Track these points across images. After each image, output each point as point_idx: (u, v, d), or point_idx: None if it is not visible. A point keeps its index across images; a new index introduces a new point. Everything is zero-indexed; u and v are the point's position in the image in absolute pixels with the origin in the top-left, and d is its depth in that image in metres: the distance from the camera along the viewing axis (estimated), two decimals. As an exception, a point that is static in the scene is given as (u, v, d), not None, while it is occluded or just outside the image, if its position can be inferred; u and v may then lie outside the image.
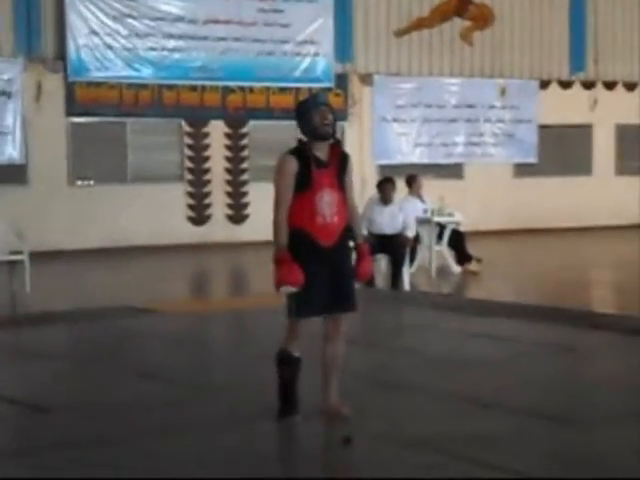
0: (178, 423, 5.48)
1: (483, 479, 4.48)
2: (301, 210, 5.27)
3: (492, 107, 19.83)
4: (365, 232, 11.83)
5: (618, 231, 19.52)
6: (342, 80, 18.47)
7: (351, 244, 5.50)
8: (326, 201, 5.30)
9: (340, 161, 5.42)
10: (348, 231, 5.45)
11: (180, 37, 17.11)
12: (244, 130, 18.01)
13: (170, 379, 6.56)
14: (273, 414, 5.44)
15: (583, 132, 20.76)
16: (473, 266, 13.36)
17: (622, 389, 6.18)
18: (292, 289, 5.22)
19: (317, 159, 5.32)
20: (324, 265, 5.28)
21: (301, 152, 5.33)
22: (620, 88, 20.83)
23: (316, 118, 5.28)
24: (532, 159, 20.22)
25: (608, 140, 21.03)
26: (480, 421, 5.38)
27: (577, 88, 20.50)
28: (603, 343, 7.83)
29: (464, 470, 4.65)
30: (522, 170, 20.17)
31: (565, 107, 20.18)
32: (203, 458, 4.85)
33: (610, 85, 20.76)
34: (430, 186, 14.63)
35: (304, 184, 5.26)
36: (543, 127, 20.07)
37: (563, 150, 20.44)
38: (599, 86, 20.64)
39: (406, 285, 11.82)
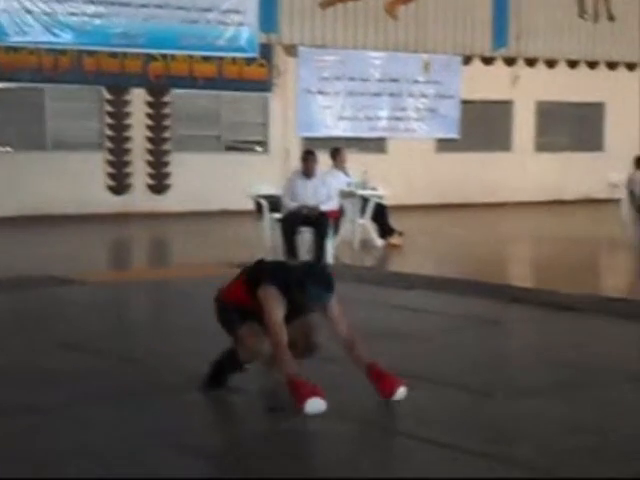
0: (105, 392, 5.41)
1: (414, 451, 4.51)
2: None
3: (416, 82, 19.91)
4: (291, 205, 11.82)
5: (537, 207, 19.82)
6: (266, 50, 18.35)
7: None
8: None
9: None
10: None
11: (101, 2, 16.78)
12: (166, 99, 17.80)
13: (95, 349, 6.47)
14: (198, 384, 5.42)
15: (504, 108, 20.98)
16: (395, 240, 13.43)
17: (543, 362, 6.28)
18: (321, 403, 4.94)
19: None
20: None
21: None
22: (541, 65, 21.08)
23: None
24: (454, 134, 20.38)
25: (528, 117, 21.29)
26: (408, 392, 5.41)
27: (499, 64, 20.68)
28: (524, 317, 7.94)
29: (397, 444, 4.67)
30: (444, 145, 20.33)
31: (487, 83, 20.37)
32: (132, 426, 4.80)
33: (531, 62, 20.99)
34: (354, 160, 14.64)
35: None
36: (465, 103, 20.23)
37: (484, 126, 20.65)
38: (520, 62, 20.85)
39: (330, 258, 11.83)
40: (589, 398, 5.38)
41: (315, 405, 4.91)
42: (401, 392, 5.14)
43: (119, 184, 17.56)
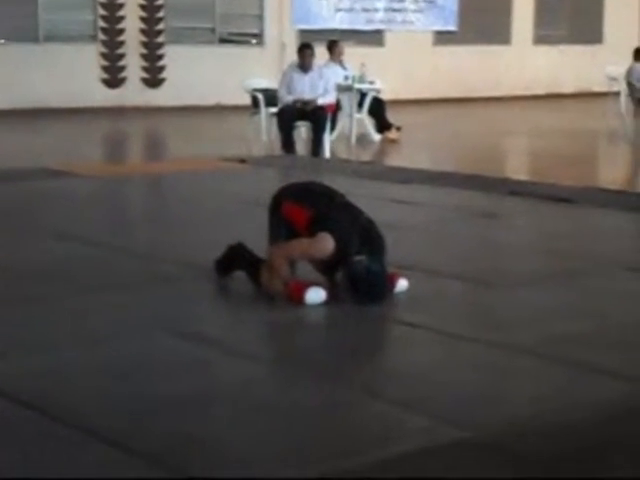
0: (103, 282, 5.40)
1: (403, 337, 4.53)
2: None
3: (414, -28, 19.55)
4: (287, 98, 11.70)
5: (536, 100, 19.66)
6: (262, -60, 17.96)
7: None
8: None
9: None
10: None
11: None
12: (160, -10, 17.47)
13: (91, 240, 6.45)
14: (199, 275, 5.41)
15: (502, 0, 20.64)
16: (393, 134, 13.34)
17: (541, 252, 6.28)
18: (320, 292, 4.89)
19: None
20: None
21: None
22: (541, -44, 20.68)
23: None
24: (452, 27, 20.07)
25: (527, 8, 20.95)
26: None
27: (499, -45, 20.28)
28: (521, 209, 7.92)
29: (386, 329, 4.70)
30: (442, 38, 20.04)
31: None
32: (131, 313, 4.81)
33: (530, -48, 20.58)
34: (351, 53, 14.45)
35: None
36: (464, -6, 19.91)
37: (483, 18, 20.33)
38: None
39: (326, 152, 11.75)
40: (588, 286, 5.39)
41: (315, 294, 4.89)
42: (402, 284, 5.13)
43: (113, 77, 17.35)
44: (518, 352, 4.26)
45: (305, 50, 11.95)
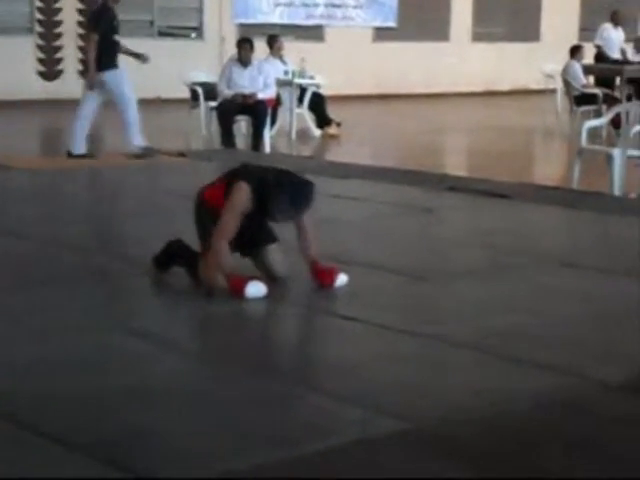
0: (45, 277, 5.34)
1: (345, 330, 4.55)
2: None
3: (354, -32, 19.59)
4: (227, 92, 11.66)
5: (474, 97, 19.83)
6: None
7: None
8: None
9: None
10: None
11: None
12: (98, -18, 17.29)
13: (28, 234, 6.37)
14: (135, 269, 5.39)
15: (442, -3, 20.79)
16: (333, 130, 13.37)
17: (478, 246, 6.35)
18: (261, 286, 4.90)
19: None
20: None
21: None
22: (480, -46, 20.85)
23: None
24: (392, 23, 20.17)
25: (466, 6, 21.12)
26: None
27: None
28: (458, 204, 7.99)
29: (324, 323, 4.72)
30: (382, 34, 20.12)
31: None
32: (75, 310, 4.76)
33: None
34: (291, 48, 14.44)
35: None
36: (403, -10, 20.00)
37: (422, 15, 20.44)
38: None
39: (267, 147, 11.74)
40: (522, 281, 5.46)
41: (256, 288, 4.89)
42: (342, 279, 5.15)
43: (50, 70, 17.13)
44: (454, 345, 4.31)
45: (244, 44, 11.92)
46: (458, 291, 5.28)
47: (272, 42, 13.54)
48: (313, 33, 19.37)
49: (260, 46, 12.83)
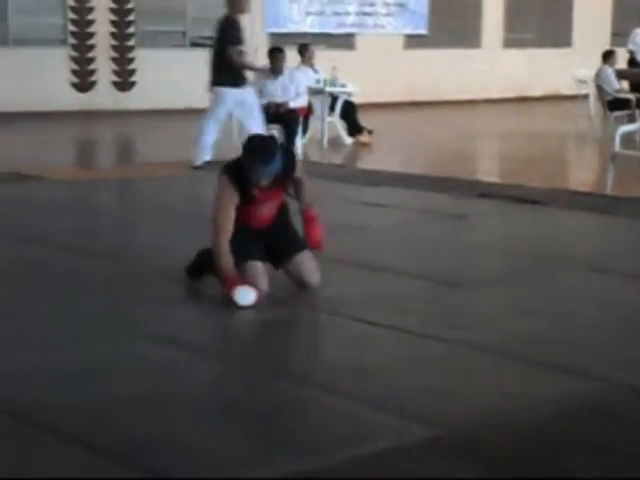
0: (74, 283, 5.40)
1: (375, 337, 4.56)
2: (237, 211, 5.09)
3: (384, -24, 19.61)
4: (259, 102, 11.71)
5: (506, 104, 19.76)
6: (232, -57, 17.93)
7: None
8: (265, 206, 5.20)
9: (287, 179, 5.20)
10: (284, 206, 5.34)
11: None
12: (130, -7, 17.42)
13: (60, 244, 6.43)
14: (168, 277, 5.42)
15: (473, 3, 20.73)
16: (364, 137, 13.37)
17: (507, 252, 6.33)
18: (250, 293, 4.90)
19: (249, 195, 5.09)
20: (258, 239, 5.19)
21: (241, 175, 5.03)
22: (510, -42, 20.80)
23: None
24: (423, 30, 20.15)
25: (497, 12, 21.07)
26: (371, 283, 5.47)
27: (468, -42, 20.38)
28: (490, 211, 7.98)
29: (352, 329, 4.72)
30: (413, 42, 20.11)
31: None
32: (102, 315, 4.82)
33: (500, -44, 20.70)
34: (322, 57, 14.46)
35: (245, 200, 5.09)
36: (435, -3, 19.99)
37: (453, 22, 20.41)
38: (490, -43, 20.56)
39: (298, 155, 11.76)
40: (552, 286, 5.45)
41: (244, 296, 4.86)
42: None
43: (83, 81, 17.28)
44: (482, 350, 4.30)
45: (276, 54, 11.98)
46: (487, 297, 5.27)
47: (303, 51, 13.57)
48: (344, 41, 19.40)
49: (291, 55, 12.88)
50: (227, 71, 10.08)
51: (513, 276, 5.68)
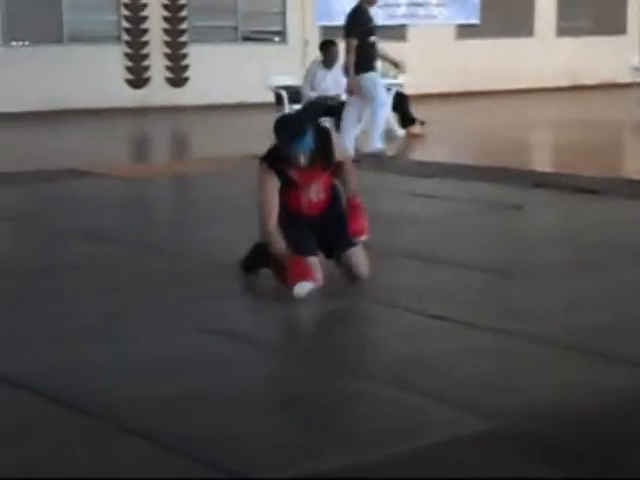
0: (129, 280, 5.47)
1: (427, 329, 4.57)
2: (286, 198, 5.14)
3: (435, -34, 19.51)
4: (311, 95, 11.74)
5: (560, 92, 19.57)
6: (283, -63, 17.97)
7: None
8: (311, 190, 5.21)
9: (324, 157, 5.19)
10: (335, 190, 5.36)
11: None
12: (182, -11, 17.54)
13: (119, 240, 6.52)
14: (224, 272, 5.47)
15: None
16: (417, 129, 13.33)
17: (562, 244, 6.30)
18: (308, 286, 4.95)
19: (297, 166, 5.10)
20: (312, 229, 5.21)
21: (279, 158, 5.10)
22: (564, -53, 20.57)
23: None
24: (474, 20, 20.03)
25: (549, 0, 20.86)
26: (426, 275, 5.48)
27: (521, -53, 20.19)
28: (546, 201, 7.93)
29: (410, 321, 4.73)
30: (465, 31, 19.99)
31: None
32: (163, 311, 4.86)
33: (554, -56, 20.47)
34: (373, 48, 14.41)
35: (287, 183, 5.13)
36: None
37: (505, 11, 20.25)
38: (543, -55, 20.35)
39: (351, 148, 11.76)
40: (610, 277, 5.40)
41: (302, 287, 4.92)
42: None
43: (137, 77, 17.44)
44: (539, 342, 4.29)
45: (330, 46, 11.99)
46: (543, 288, 5.25)
47: (355, 43, 13.55)
48: (396, 32, 19.33)
49: (343, 48, 12.87)
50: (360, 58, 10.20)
51: (569, 266, 5.65)
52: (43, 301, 5.06)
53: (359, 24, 10.22)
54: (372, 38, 10.41)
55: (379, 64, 13.26)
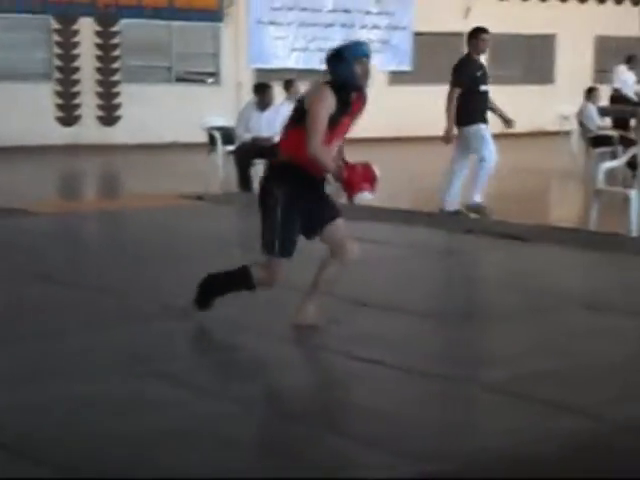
0: (74, 321, 5.38)
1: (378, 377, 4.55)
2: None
3: (368, 13, 19.77)
4: (245, 136, 11.75)
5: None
6: (218, -20, 18.08)
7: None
8: (335, 146, 5.24)
9: (359, 110, 5.28)
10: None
11: None
12: (115, 28, 17.50)
13: (63, 279, 6.40)
14: (175, 312, 5.43)
15: (456, 40, 20.88)
16: (348, 172, 13.40)
17: (502, 289, 6.35)
18: (369, 196, 5.15)
19: (347, 105, 5.14)
20: (312, 194, 5.24)
21: (339, 92, 5.10)
22: (494, -4, 21.03)
23: (358, 69, 5.10)
24: (407, 67, 20.30)
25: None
26: (363, 321, 5.47)
27: (452, -4, 20.59)
28: (478, 247, 8.00)
29: (351, 367, 4.71)
30: (397, 78, 20.25)
31: (439, 15, 20.26)
32: (113, 353, 4.81)
33: (484, -6, 20.91)
34: (306, 91, 14.52)
35: (328, 126, 5.10)
36: (418, 35, 20.13)
37: (437, 58, 20.55)
38: (473, -6, 20.78)
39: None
40: (551, 324, 5.45)
41: (363, 197, 5.18)
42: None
43: (68, 115, 17.31)
44: (486, 389, 4.29)
45: (265, 89, 12.05)
46: (488, 334, 5.28)
47: (288, 86, 13.64)
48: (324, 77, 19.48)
49: (276, 91, 12.94)
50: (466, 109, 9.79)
51: (518, 313, 5.67)
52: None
53: (466, 74, 9.87)
54: (482, 87, 10.00)
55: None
